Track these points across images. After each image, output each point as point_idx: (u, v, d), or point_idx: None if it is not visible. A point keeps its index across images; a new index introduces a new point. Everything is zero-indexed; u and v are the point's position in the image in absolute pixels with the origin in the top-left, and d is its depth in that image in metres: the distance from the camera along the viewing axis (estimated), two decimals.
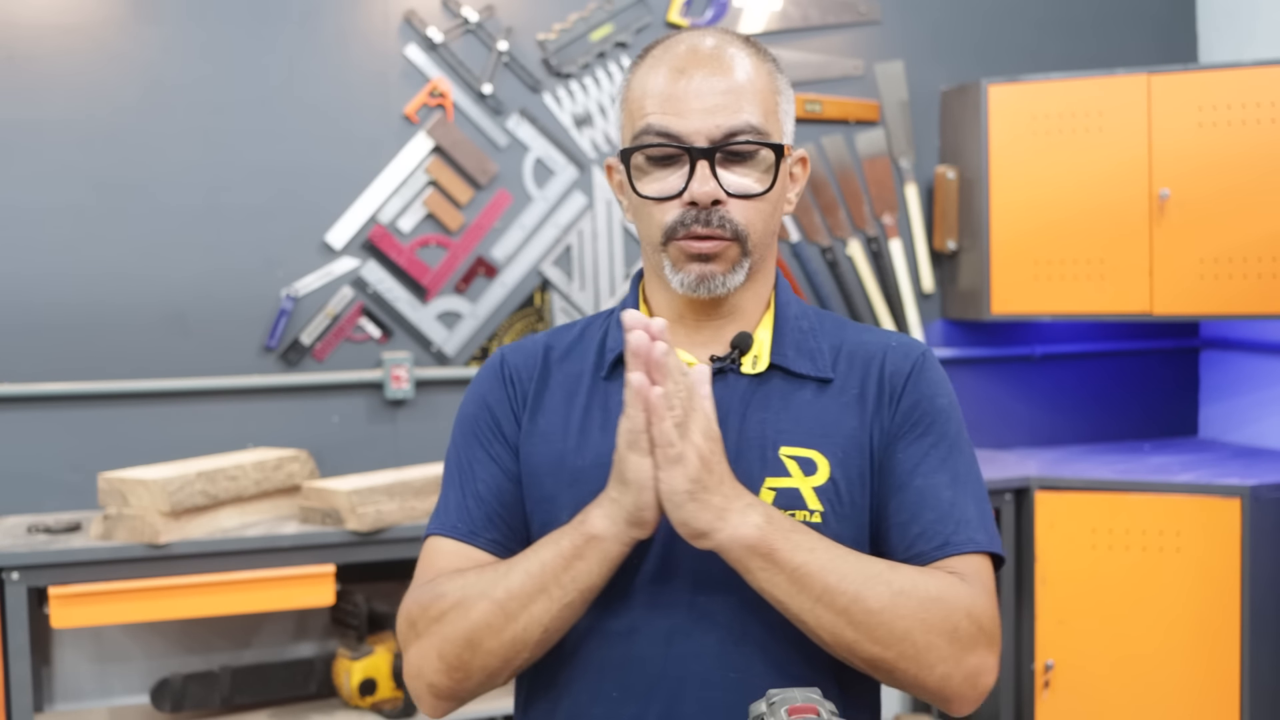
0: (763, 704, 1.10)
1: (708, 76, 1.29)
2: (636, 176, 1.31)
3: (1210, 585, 3.12)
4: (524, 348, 1.43)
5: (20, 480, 3.03)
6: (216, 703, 2.95)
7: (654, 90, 1.30)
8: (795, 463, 1.30)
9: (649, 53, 1.35)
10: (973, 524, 1.31)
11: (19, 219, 3.03)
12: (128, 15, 3.08)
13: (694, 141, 1.28)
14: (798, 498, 1.29)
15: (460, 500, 1.36)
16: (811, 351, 1.36)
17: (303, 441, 3.19)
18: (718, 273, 1.30)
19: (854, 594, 1.21)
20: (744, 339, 1.34)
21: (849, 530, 1.30)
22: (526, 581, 1.24)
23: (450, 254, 3.33)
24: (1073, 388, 3.90)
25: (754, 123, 1.29)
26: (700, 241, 1.29)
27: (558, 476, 1.32)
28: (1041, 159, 3.47)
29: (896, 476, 1.32)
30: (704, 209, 1.28)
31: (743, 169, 1.30)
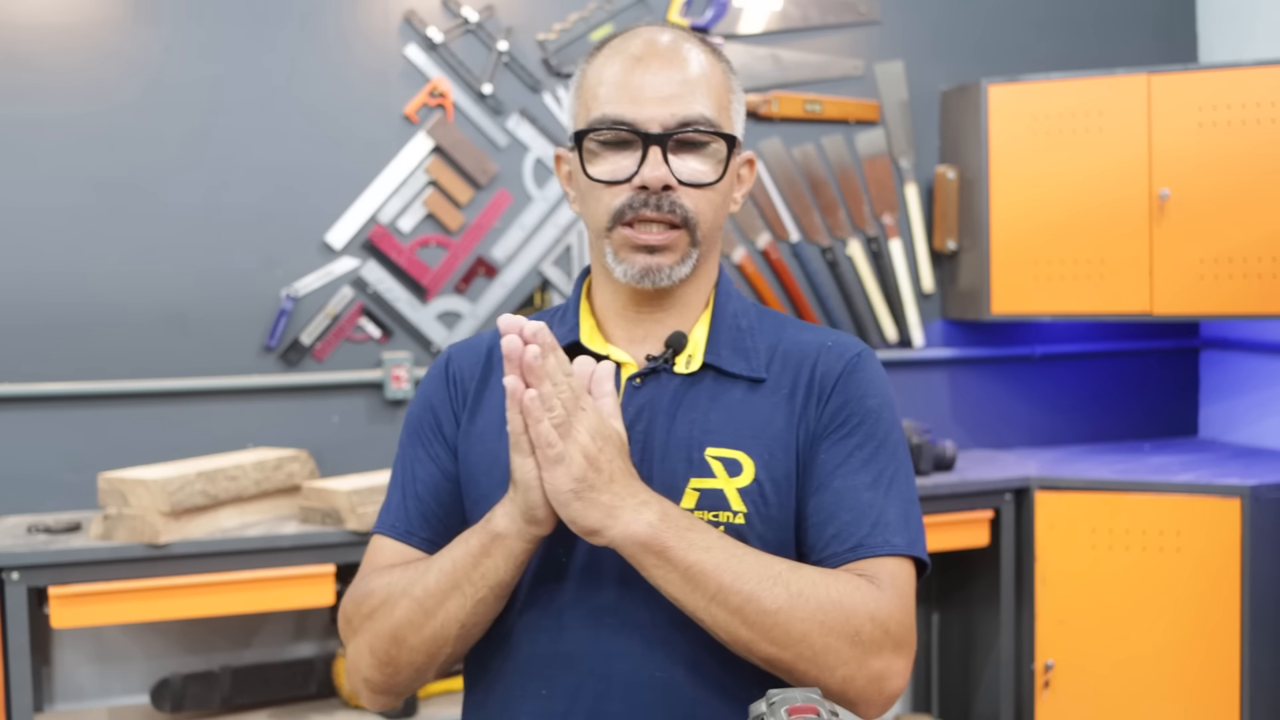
0: (763, 704, 1.10)
1: (663, 68, 1.30)
2: (588, 160, 1.32)
3: (1210, 585, 3.12)
4: (471, 346, 1.43)
5: (20, 480, 3.03)
6: (216, 703, 2.95)
7: (610, 79, 1.31)
8: (720, 464, 1.30)
9: (606, 44, 1.36)
10: (891, 526, 1.29)
11: (19, 219, 3.03)
12: (127, 15, 3.08)
13: (648, 128, 1.28)
14: (722, 499, 1.29)
15: (400, 500, 1.39)
16: (747, 351, 1.36)
17: (303, 441, 3.19)
18: (664, 265, 1.31)
19: (749, 594, 1.21)
20: (678, 339, 1.34)
21: (773, 532, 1.30)
22: (441, 579, 1.27)
23: (450, 254, 3.33)
24: (1073, 388, 3.90)
25: (708, 114, 1.30)
26: (649, 234, 1.29)
27: (492, 476, 1.33)
28: (1041, 159, 3.47)
29: (817, 477, 1.31)
30: (654, 194, 1.28)
31: (694, 158, 1.31)
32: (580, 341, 1.36)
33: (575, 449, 1.19)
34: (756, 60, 3.56)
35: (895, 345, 3.72)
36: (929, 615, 3.75)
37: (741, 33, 3.55)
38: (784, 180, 3.59)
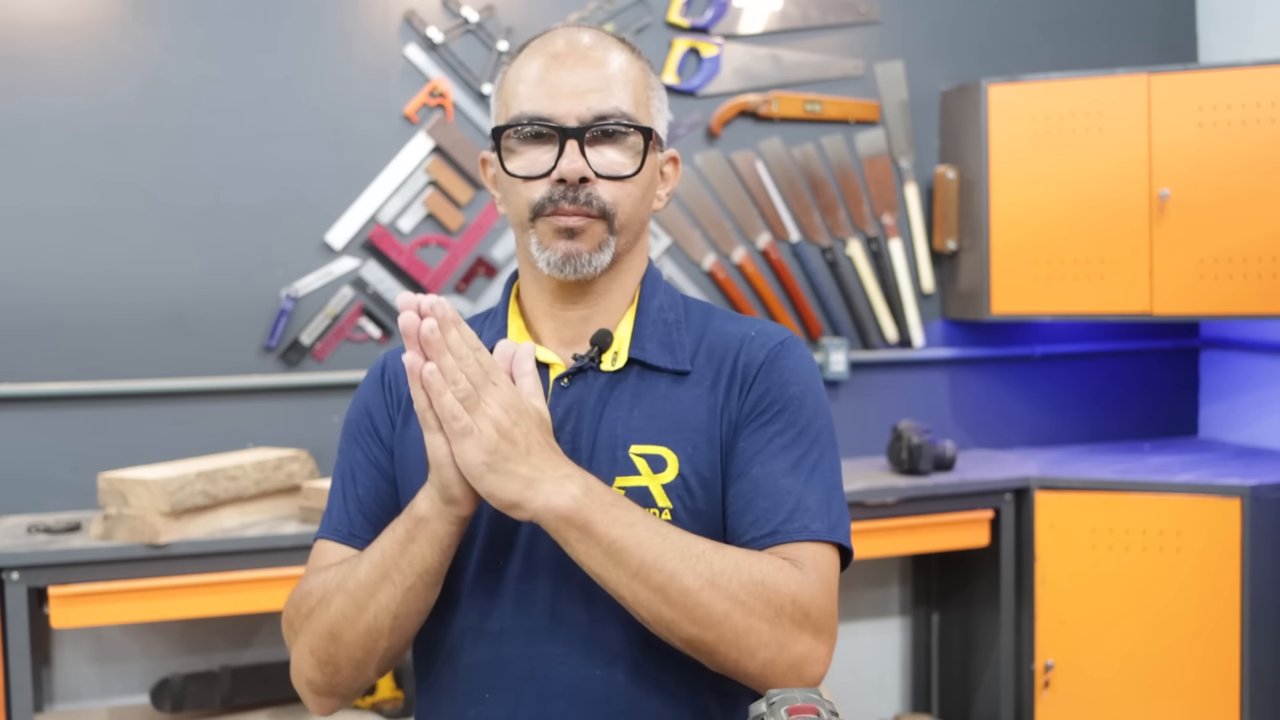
0: (763, 704, 1.10)
1: (580, 65, 1.32)
2: (507, 156, 1.33)
3: (1210, 585, 3.12)
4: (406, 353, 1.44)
5: (20, 480, 3.03)
6: (216, 703, 2.95)
7: (528, 77, 1.33)
8: (644, 461, 1.30)
9: (527, 45, 1.37)
10: (811, 512, 1.28)
11: (19, 219, 3.03)
12: (127, 15, 3.08)
13: (564, 122, 1.30)
14: (647, 496, 1.29)
15: (341, 504, 1.41)
16: (672, 344, 1.36)
17: (303, 441, 3.19)
18: (584, 250, 1.31)
19: (670, 571, 1.20)
20: (603, 336, 1.35)
21: (700, 526, 1.29)
22: (371, 571, 1.27)
23: (450, 254, 3.33)
24: (1073, 388, 3.90)
25: (624, 108, 1.31)
26: (567, 216, 1.30)
27: (425, 475, 1.31)
28: (1041, 159, 3.47)
29: (737, 465, 1.31)
30: (571, 186, 1.30)
31: (612, 150, 1.32)
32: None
33: (485, 421, 1.19)
34: (756, 60, 3.56)
35: (895, 345, 3.72)
36: (929, 615, 3.75)
37: (741, 33, 3.55)
38: (784, 180, 3.59)
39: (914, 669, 3.78)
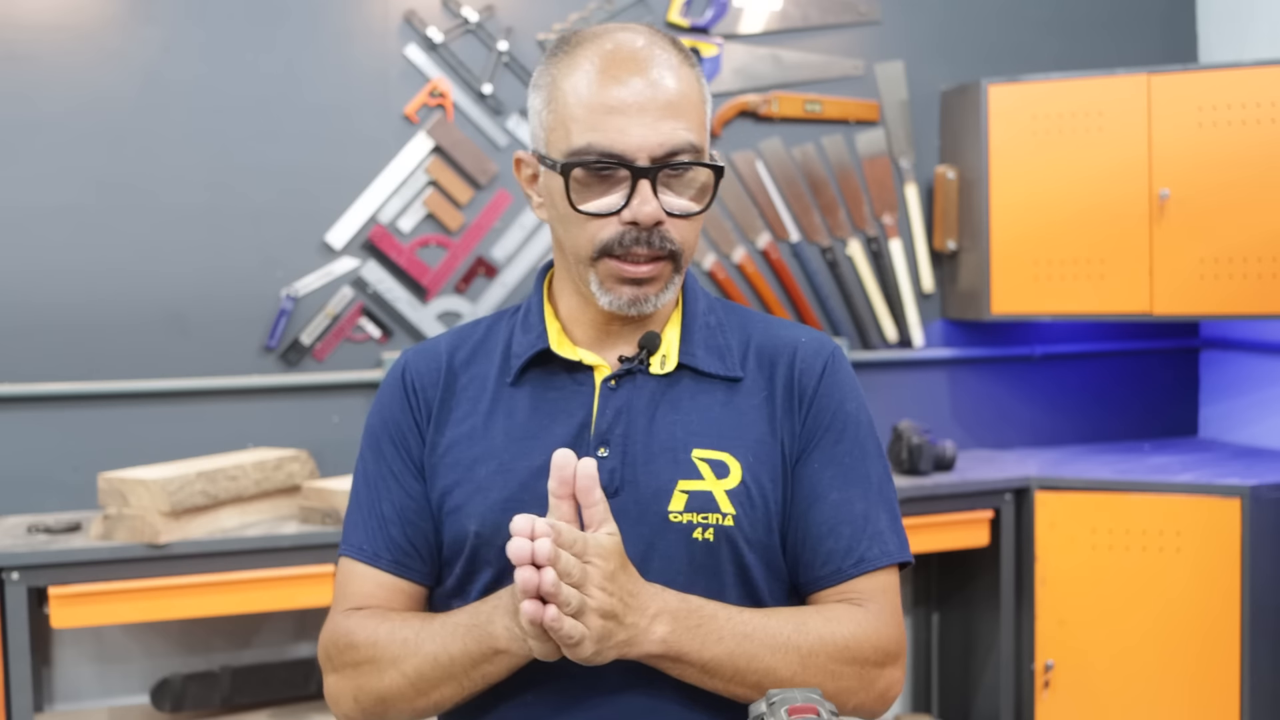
0: (763, 704, 1.10)
1: (645, 86, 1.25)
2: (574, 190, 1.27)
3: (1210, 585, 3.12)
4: (428, 352, 1.40)
5: (20, 480, 3.03)
6: (216, 703, 2.95)
7: (588, 98, 1.25)
8: (707, 465, 1.29)
9: (575, 50, 1.29)
10: (885, 535, 1.33)
11: (19, 219, 3.03)
12: (127, 15, 3.08)
13: (636, 159, 1.24)
14: (710, 501, 1.28)
15: (365, 520, 1.37)
16: (720, 349, 1.35)
17: (303, 441, 3.18)
18: (651, 294, 1.29)
19: (765, 669, 1.24)
20: (651, 339, 1.33)
21: (760, 533, 1.30)
22: (435, 669, 1.26)
23: (450, 254, 3.33)
24: (1073, 388, 3.90)
25: (693, 140, 1.26)
26: (637, 266, 1.27)
27: (465, 486, 1.31)
28: (1041, 159, 3.47)
29: (812, 488, 1.32)
30: (645, 229, 1.25)
31: (681, 187, 1.28)
32: (550, 348, 1.34)
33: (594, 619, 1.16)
34: (756, 60, 3.56)
35: (895, 345, 3.72)
36: (929, 615, 3.75)
37: (741, 33, 3.55)
38: (784, 180, 3.59)
39: (914, 669, 3.78)
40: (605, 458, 1.29)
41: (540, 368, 1.35)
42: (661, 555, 1.27)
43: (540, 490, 1.25)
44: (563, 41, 1.31)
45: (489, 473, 1.30)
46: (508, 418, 1.33)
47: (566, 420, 1.31)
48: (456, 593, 1.34)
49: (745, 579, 1.30)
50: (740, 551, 1.29)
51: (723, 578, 1.29)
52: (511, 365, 1.35)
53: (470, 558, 1.31)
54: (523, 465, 1.30)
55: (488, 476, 1.30)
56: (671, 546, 1.27)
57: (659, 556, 1.27)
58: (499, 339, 1.39)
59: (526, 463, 1.30)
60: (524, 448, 1.30)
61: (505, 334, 1.39)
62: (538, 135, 1.32)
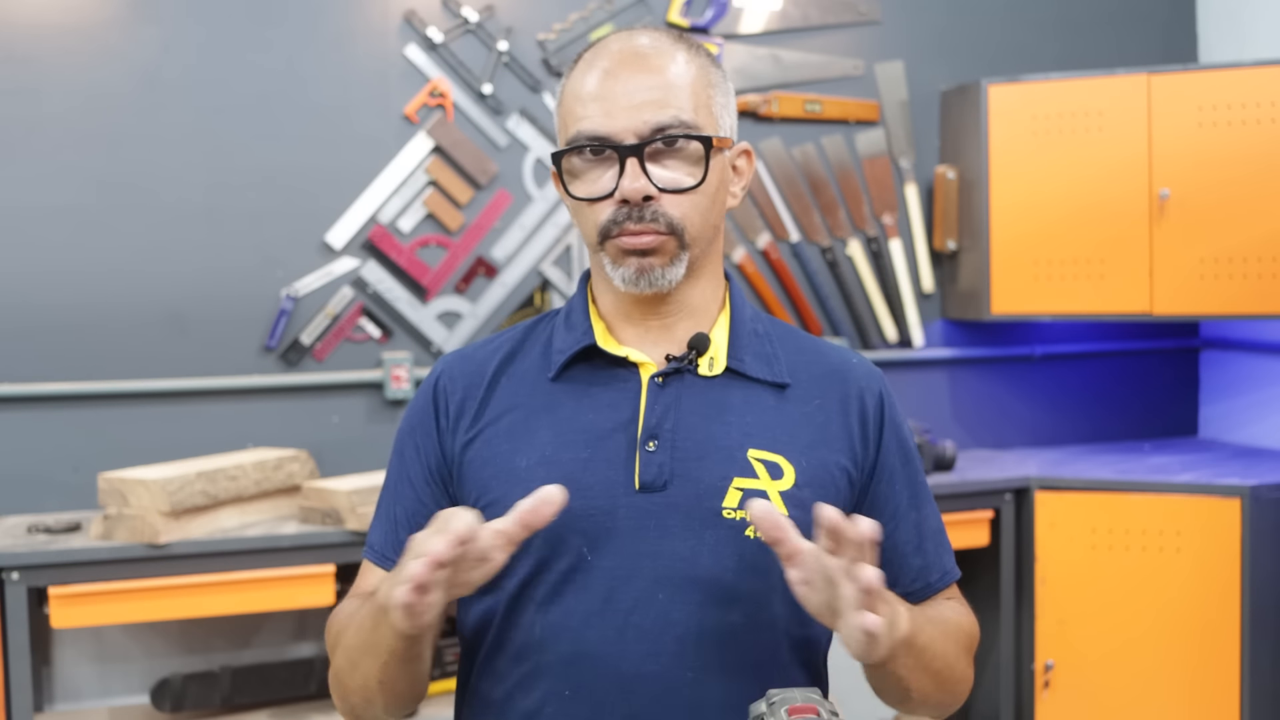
0: (763, 704, 1.10)
1: (636, 74, 1.28)
2: (569, 180, 1.31)
3: (1210, 585, 3.12)
4: (465, 358, 1.40)
5: (20, 480, 3.03)
6: (216, 703, 2.95)
7: (585, 94, 1.29)
8: (763, 466, 1.29)
9: (582, 56, 1.34)
10: (949, 549, 1.43)
11: (19, 219, 3.03)
12: (127, 15, 3.08)
13: (622, 140, 1.27)
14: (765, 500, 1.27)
15: (382, 522, 1.39)
16: (768, 356, 1.36)
17: (303, 441, 3.19)
18: (656, 265, 1.29)
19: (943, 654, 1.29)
20: (701, 340, 1.33)
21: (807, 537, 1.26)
22: (355, 639, 1.26)
23: (450, 254, 3.33)
24: (1073, 388, 3.90)
25: (682, 117, 1.27)
26: (636, 238, 1.28)
27: (502, 479, 1.31)
28: (1041, 159, 3.47)
29: (895, 508, 1.37)
30: (636, 206, 1.27)
31: (674, 163, 1.29)
32: (597, 344, 1.34)
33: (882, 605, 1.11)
34: (756, 60, 3.56)
35: (895, 345, 3.72)
36: None
37: (741, 33, 3.55)
38: (784, 180, 3.59)
39: None
40: (653, 451, 1.28)
41: (584, 364, 1.35)
42: (711, 551, 1.27)
43: (582, 480, 1.27)
44: (578, 55, 1.35)
45: (530, 464, 1.30)
46: (549, 412, 1.33)
47: (611, 414, 1.31)
48: (488, 589, 1.30)
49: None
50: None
51: (771, 578, 1.27)
52: (554, 361, 1.35)
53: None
54: (567, 456, 1.29)
55: (529, 469, 1.29)
56: (722, 543, 1.27)
57: (709, 552, 1.26)
58: (539, 339, 1.40)
59: (571, 454, 1.29)
60: (567, 440, 1.30)
61: (545, 334, 1.40)
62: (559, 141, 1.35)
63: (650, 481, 1.27)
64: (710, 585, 1.26)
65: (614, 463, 1.28)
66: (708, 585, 1.26)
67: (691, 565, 1.26)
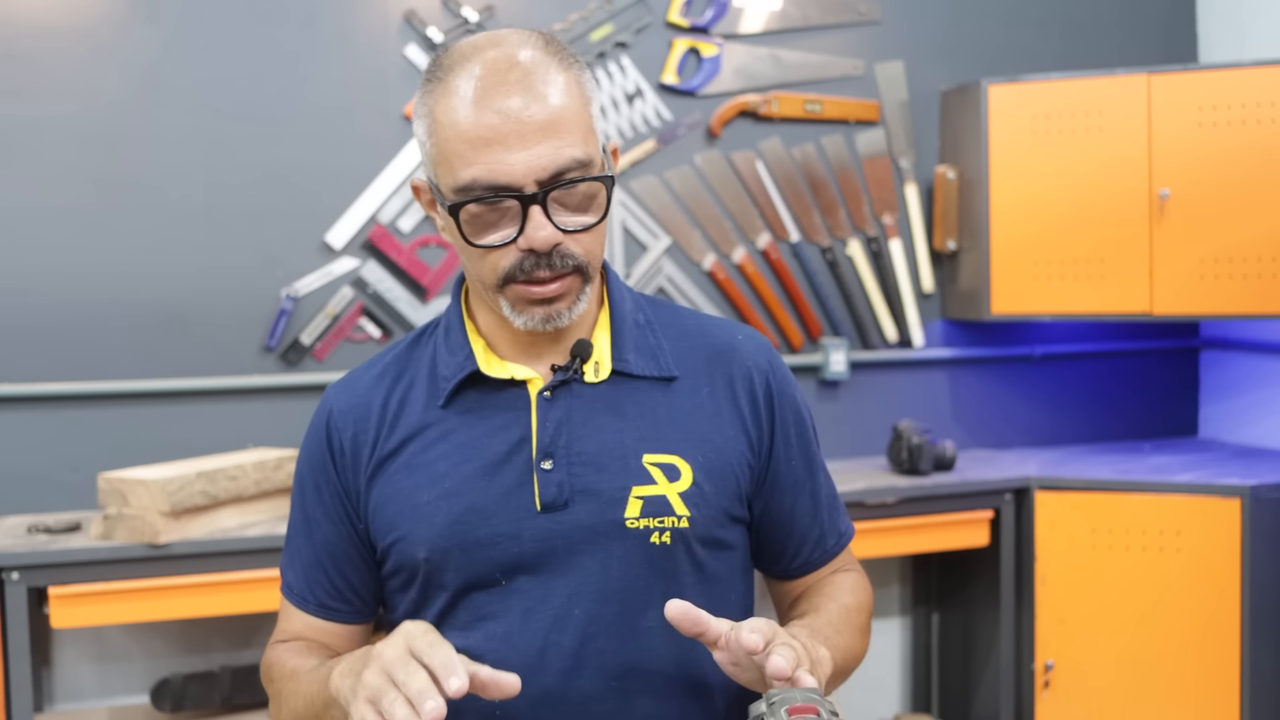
0: (762, 704, 1.10)
1: (520, 107, 1.19)
2: (466, 226, 1.23)
3: (1210, 585, 3.12)
4: (350, 388, 1.38)
5: (20, 480, 3.03)
6: (216, 703, 2.95)
7: (466, 130, 1.20)
8: (659, 470, 1.29)
9: (448, 76, 1.23)
10: (842, 509, 1.47)
11: (19, 219, 3.03)
12: (127, 15, 3.08)
13: (523, 187, 1.20)
14: (665, 505, 1.28)
15: (293, 559, 1.41)
16: (652, 349, 1.35)
17: None
18: (563, 309, 1.26)
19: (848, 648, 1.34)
20: (583, 347, 1.31)
21: (713, 530, 1.32)
22: (305, 709, 1.27)
23: (450, 254, 3.33)
24: (1073, 388, 3.90)
25: (577, 155, 1.21)
26: (543, 286, 1.24)
27: (406, 517, 1.30)
28: (1041, 159, 3.47)
29: (791, 481, 1.39)
30: (544, 254, 1.22)
31: (574, 202, 1.24)
32: (479, 370, 1.31)
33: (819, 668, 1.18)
34: (756, 60, 3.56)
35: (895, 345, 3.72)
36: (929, 615, 3.75)
37: (741, 33, 3.55)
38: (784, 180, 3.59)
39: (914, 669, 3.78)
40: (550, 470, 1.27)
41: (471, 387, 1.32)
42: (621, 561, 1.27)
43: (485, 508, 1.27)
44: (435, 66, 1.26)
45: (431, 499, 1.29)
46: (444, 441, 1.31)
47: (505, 437, 1.29)
48: (411, 616, 1.33)
49: (701, 575, 1.32)
50: (695, 551, 1.31)
51: (681, 577, 1.30)
52: (440, 388, 1.33)
53: (424, 585, 1.31)
54: (465, 487, 1.28)
55: (430, 503, 1.29)
56: (630, 552, 1.27)
57: (618, 563, 1.27)
58: (423, 361, 1.36)
59: (469, 484, 1.28)
60: (464, 470, 1.29)
61: (428, 354, 1.36)
62: (426, 165, 1.27)
63: (551, 501, 1.27)
64: (624, 596, 1.27)
65: (513, 486, 1.28)
66: (621, 596, 1.27)
67: (602, 579, 1.27)
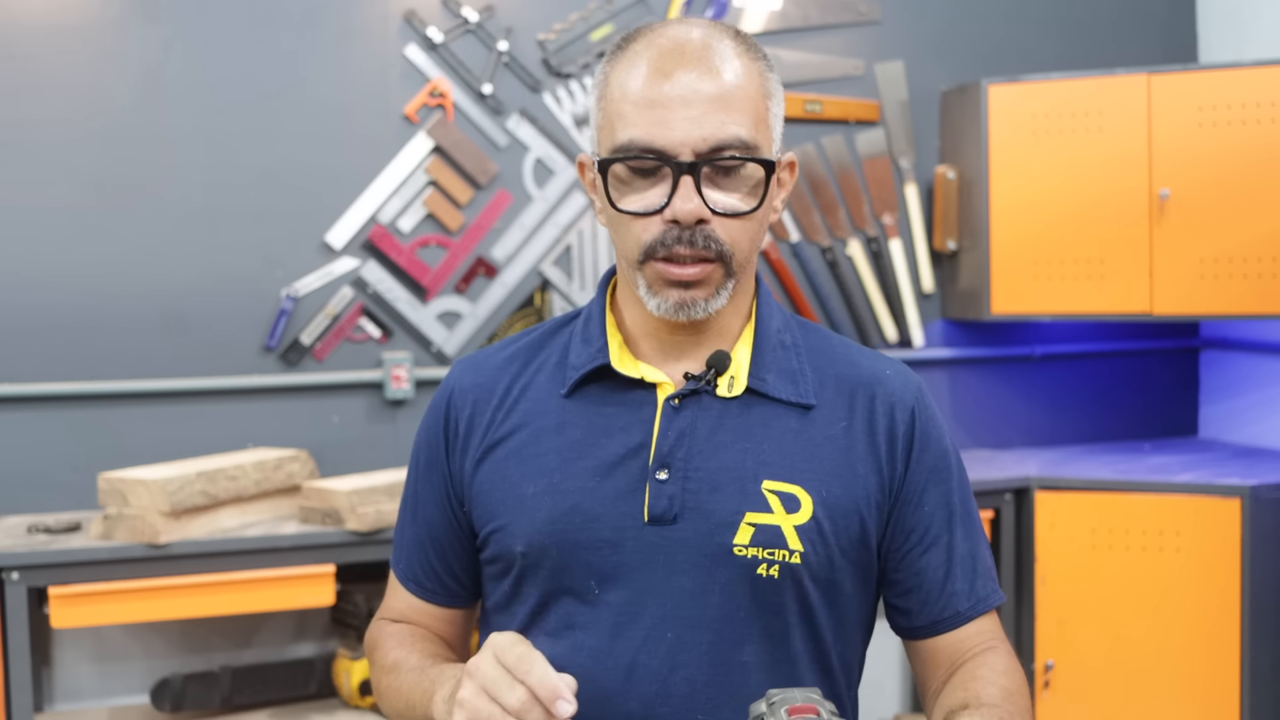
0: (763, 704, 1.09)
1: (694, 79, 1.18)
2: (614, 188, 1.21)
3: (1210, 585, 3.12)
4: (478, 367, 1.35)
5: (20, 480, 3.03)
6: (216, 703, 2.95)
7: (635, 93, 1.19)
8: (777, 498, 1.23)
9: (630, 45, 1.23)
10: (991, 573, 1.33)
11: (19, 219, 3.03)
12: (127, 15, 3.08)
13: (678, 155, 1.17)
14: (779, 536, 1.22)
15: (402, 536, 1.40)
16: (793, 373, 1.28)
17: (303, 441, 3.18)
18: (699, 299, 1.21)
19: None
20: (721, 359, 1.25)
21: (826, 570, 1.25)
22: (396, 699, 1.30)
23: (450, 254, 3.33)
24: (1073, 388, 3.90)
25: (743, 135, 1.18)
26: (682, 267, 1.19)
27: (509, 506, 1.27)
28: (1041, 159, 3.47)
29: (925, 532, 1.29)
30: (687, 228, 1.18)
31: (729, 183, 1.20)
32: (610, 364, 1.27)
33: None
34: None
35: (895, 345, 3.72)
36: None
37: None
38: None
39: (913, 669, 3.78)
40: (664, 481, 1.22)
41: (599, 382, 1.28)
42: (723, 588, 1.22)
43: (590, 510, 1.23)
44: (622, 39, 1.25)
45: (537, 492, 1.25)
46: (559, 434, 1.27)
47: (623, 439, 1.25)
48: (502, 609, 1.31)
49: (809, 617, 1.26)
50: (805, 590, 1.24)
51: (786, 615, 1.24)
52: (568, 377, 1.29)
53: (517, 579, 1.27)
54: (573, 485, 1.24)
55: (535, 496, 1.25)
56: (734, 581, 1.22)
57: (720, 590, 1.22)
58: (557, 346, 1.33)
59: (578, 483, 1.24)
60: (575, 467, 1.25)
61: (564, 341, 1.33)
62: (594, 136, 1.26)
63: (660, 514, 1.22)
64: (721, 625, 1.22)
65: (623, 492, 1.23)
66: (718, 625, 1.22)
67: (701, 604, 1.21)
